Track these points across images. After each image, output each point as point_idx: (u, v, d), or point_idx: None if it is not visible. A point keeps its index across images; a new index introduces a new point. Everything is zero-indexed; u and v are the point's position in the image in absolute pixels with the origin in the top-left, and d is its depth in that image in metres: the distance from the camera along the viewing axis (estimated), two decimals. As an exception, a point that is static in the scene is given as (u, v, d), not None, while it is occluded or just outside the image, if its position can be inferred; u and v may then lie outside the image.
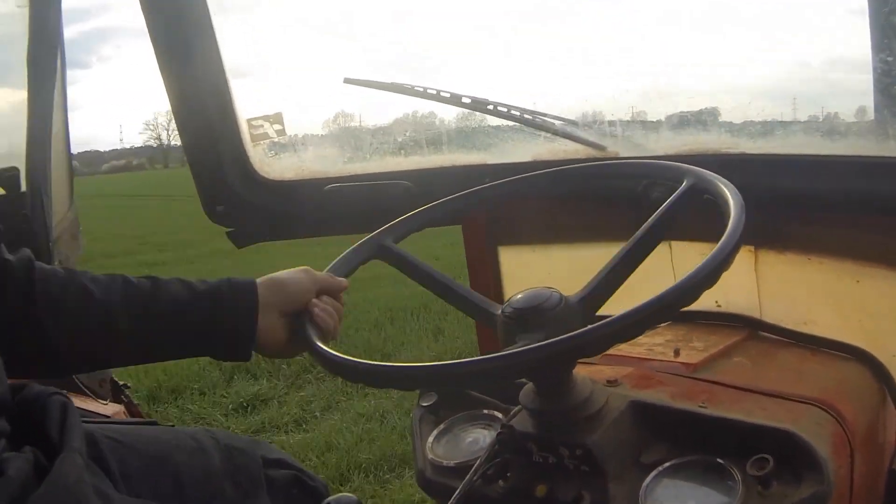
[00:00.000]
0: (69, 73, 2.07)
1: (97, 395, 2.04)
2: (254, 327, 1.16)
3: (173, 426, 1.37)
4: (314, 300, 1.19)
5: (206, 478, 1.21)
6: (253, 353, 1.19)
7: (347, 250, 1.27)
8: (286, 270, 1.22)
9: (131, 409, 2.15)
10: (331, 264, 1.26)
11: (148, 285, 1.14)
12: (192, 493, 1.17)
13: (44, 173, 1.88)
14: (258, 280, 1.19)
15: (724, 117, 1.67)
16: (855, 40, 1.43)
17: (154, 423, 1.64)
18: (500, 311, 1.06)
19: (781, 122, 1.63)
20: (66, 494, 0.82)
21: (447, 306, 1.24)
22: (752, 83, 1.66)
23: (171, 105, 1.82)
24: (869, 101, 1.44)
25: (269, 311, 1.17)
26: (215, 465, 1.23)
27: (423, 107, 2.02)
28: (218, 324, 1.15)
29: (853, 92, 1.50)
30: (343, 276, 1.24)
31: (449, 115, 2.03)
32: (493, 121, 1.89)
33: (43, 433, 0.92)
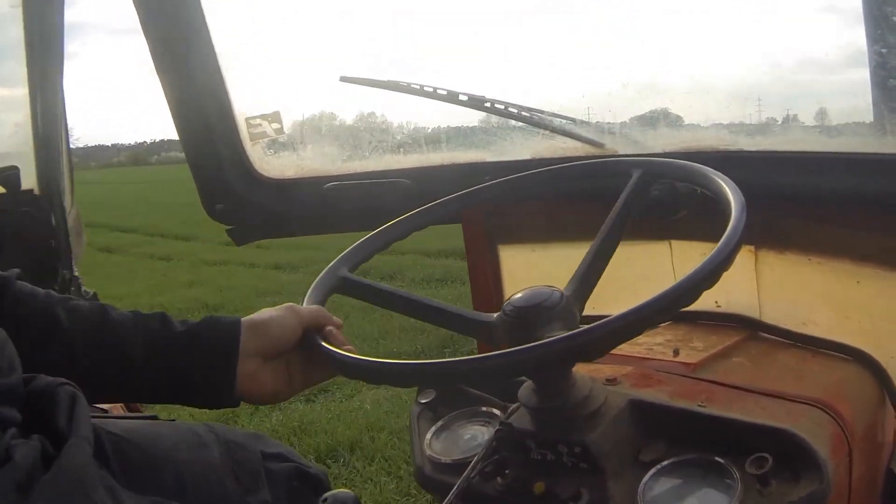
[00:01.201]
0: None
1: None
2: (233, 374, 1.10)
3: (174, 420, 1.37)
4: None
5: (208, 473, 1.20)
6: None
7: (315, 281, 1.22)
8: (269, 309, 1.15)
9: (130, 405, 2.14)
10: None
11: (121, 320, 1.09)
12: (194, 489, 1.17)
13: (56, 170, 1.88)
14: (242, 321, 1.13)
15: (722, 115, 1.68)
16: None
17: (154, 418, 1.64)
18: (495, 317, 1.06)
19: (781, 121, 1.63)
20: (74, 480, 0.82)
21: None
22: (751, 81, 1.65)
23: (169, 104, 1.82)
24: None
25: (249, 357, 1.12)
26: (215, 460, 1.23)
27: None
28: (193, 370, 1.10)
29: (850, 89, 1.50)
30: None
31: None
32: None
33: (52, 422, 0.92)
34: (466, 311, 1.16)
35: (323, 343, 1.12)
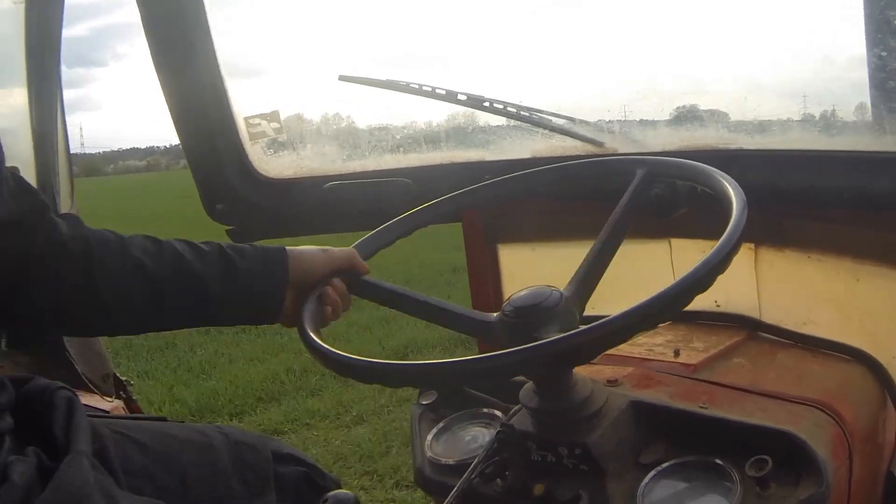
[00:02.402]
0: (84, 72, 2.06)
1: (101, 391, 2.04)
2: (282, 299, 1.20)
3: (183, 422, 1.36)
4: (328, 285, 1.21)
5: (214, 476, 1.20)
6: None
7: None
8: (308, 247, 1.25)
9: (130, 406, 2.14)
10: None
11: (194, 258, 1.17)
12: (199, 492, 1.17)
13: (52, 171, 1.88)
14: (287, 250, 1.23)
15: (721, 113, 1.67)
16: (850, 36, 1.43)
17: (163, 419, 1.64)
18: (495, 317, 1.06)
19: (780, 119, 1.63)
20: (71, 500, 0.82)
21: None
22: (750, 79, 1.65)
23: (168, 104, 1.82)
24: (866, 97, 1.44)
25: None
26: (224, 463, 1.23)
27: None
28: (252, 295, 1.19)
29: (850, 88, 1.50)
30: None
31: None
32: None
33: (48, 431, 0.91)
34: (469, 310, 1.16)
35: (315, 339, 1.12)
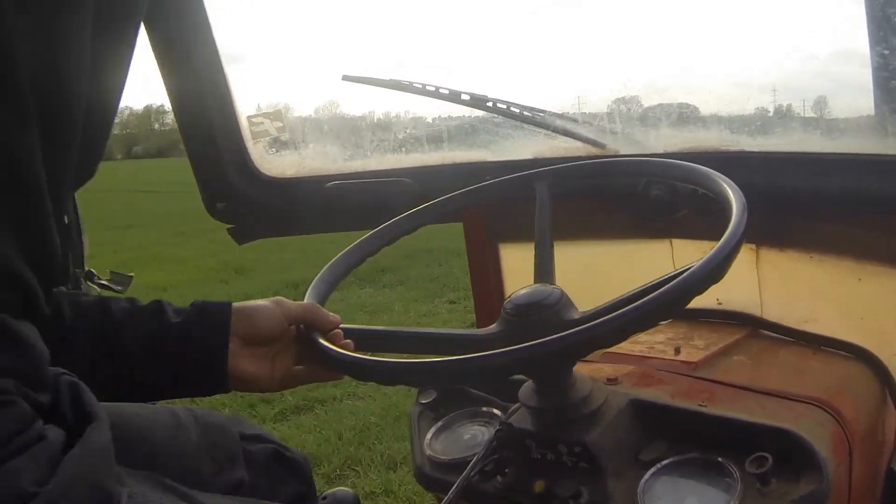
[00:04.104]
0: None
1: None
2: (225, 362, 1.10)
3: (154, 403, 1.36)
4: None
5: (182, 452, 1.20)
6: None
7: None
8: (259, 300, 1.15)
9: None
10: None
11: (123, 315, 1.08)
12: (167, 468, 1.16)
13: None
14: (232, 306, 1.13)
15: (723, 114, 1.67)
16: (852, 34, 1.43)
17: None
18: (487, 329, 1.06)
19: (780, 118, 1.63)
20: (98, 457, 0.83)
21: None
22: (750, 78, 1.65)
23: (171, 102, 1.81)
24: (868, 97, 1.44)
25: (234, 341, 1.11)
26: (192, 441, 1.22)
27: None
28: (187, 361, 1.09)
29: (852, 87, 1.50)
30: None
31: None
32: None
33: (58, 411, 0.92)
34: (460, 331, 1.16)
35: (318, 339, 1.11)
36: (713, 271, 0.89)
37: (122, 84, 0.87)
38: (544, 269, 1.17)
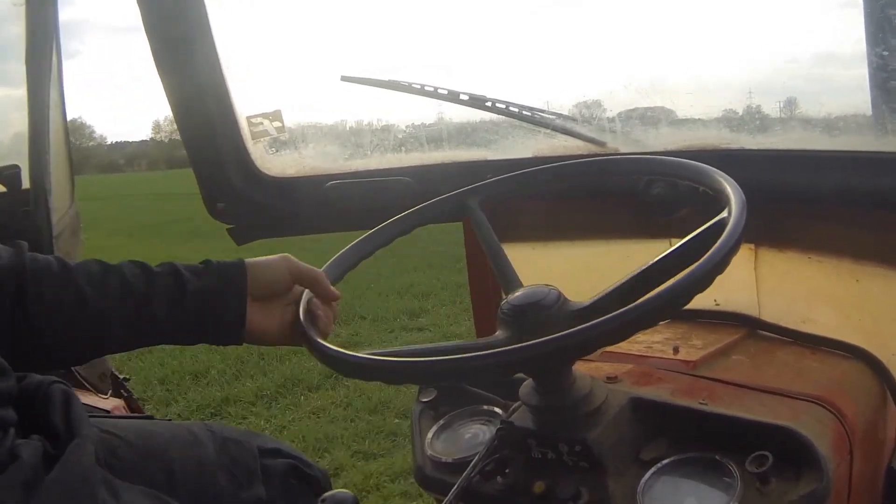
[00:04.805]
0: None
1: (97, 389, 2.04)
2: (243, 315, 1.14)
3: (170, 420, 1.36)
4: (312, 298, 1.17)
5: (200, 470, 1.21)
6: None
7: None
8: (265, 257, 1.19)
9: (131, 405, 2.14)
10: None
11: (142, 283, 1.10)
12: (185, 485, 1.17)
13: (45, 170, 1.87)
14: (246, 262, 1.17)
15: (722, 113, 1.68)
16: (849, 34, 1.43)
17: (150, 418, 1.64)
18: (488, 338, 1.06)
19: (780, 118, 1.63)
20: (79, 480, 0.83)
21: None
22: (750, 78, 1.65)
23: (170, 103, 1.82)
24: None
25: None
26: (210, 457, 1.23)
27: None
28: (207, 319, 1.13)
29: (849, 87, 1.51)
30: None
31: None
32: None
33: (47, 422, 0.92)
34: (461, 342, 1.15)
35: (311, 335, 1.12)
36: (713, 269, 0.89)
37: None
38: (508, 278, 1.18)
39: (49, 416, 0.93)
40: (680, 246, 1.00)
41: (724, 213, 0.98)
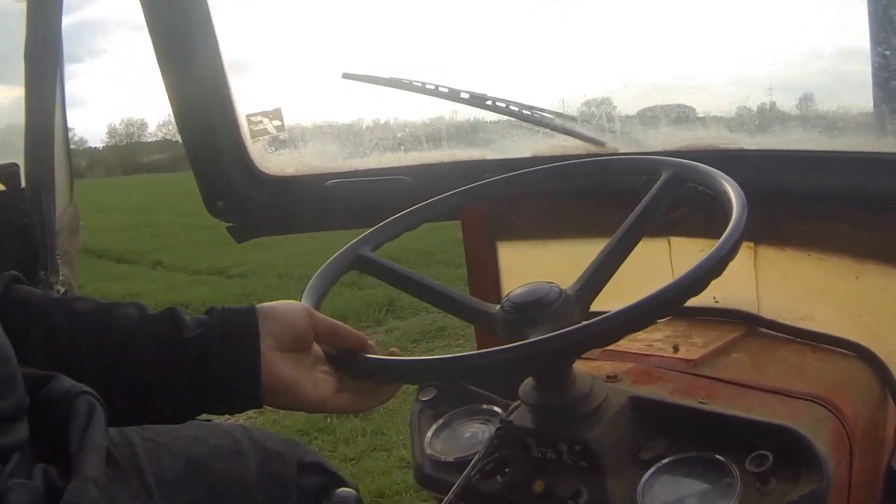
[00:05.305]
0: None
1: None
2: (257, 372, 0.97)
3: (210, 421, 1.29)
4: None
5: (241, 487, 1.19)
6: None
7: (319, 270, 1.18)
8: (280, 301, 1.05)
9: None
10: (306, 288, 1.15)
11: (130, 323, 0.97)
12: (226, 502, 1.16)
13: (46, 170, 1.88)
14: (257, 307, 1.01)
15: (721, 112, 1.68)
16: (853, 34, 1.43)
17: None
18: (497, 308, 1.06)
19: (779, 116, 1.63)
20: None
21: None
22: (750, 76, 1.65)
23: (170, 101, 1.82)
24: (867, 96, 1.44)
25: (266, 345, 0.99)
26: (251, 472, 1.21)
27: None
28: (213, 375, 0.97)
29: (852, 86, 1.51)
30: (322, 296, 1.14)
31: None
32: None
33: (62, 443, 0.83)
34: (472, 298, 1.16)
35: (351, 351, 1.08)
36: (713, 269, 0.90)
37: None
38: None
39: (66, 435, 0.81)
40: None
41: None
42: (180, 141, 1.89)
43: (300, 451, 1.33)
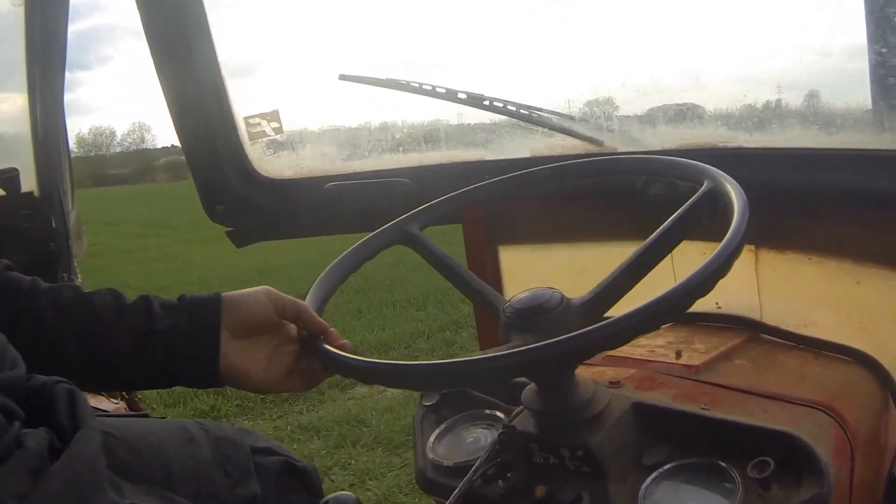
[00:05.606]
0: (69, 76, 2.05)
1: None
2: (216, 354, 1.08)
3: (164, 418, 1.36)
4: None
5: (196, 467, 1.21)
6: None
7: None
8: (244, 290, 1.13)
9: (132, 406, 2.15)
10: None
11: (109, 314, 1.07)
12: (184, 484, 1.17)
13: (58, 174, 1.88)
14: (222, 297, 1.11)
15: (720, 110, 1.68)
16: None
17: (146, 416, 1.64)
18: (502, 309, 1.06)
19: (778, 115, 1.63)
20: (85, 468, 0.82)
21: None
22: (749, 75, 1.65)
23: (168, 104, 1.82)
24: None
25: (225, 333, 1.10)
26: (205, 456, 1.24)
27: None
28: (179, 356, 1.08)
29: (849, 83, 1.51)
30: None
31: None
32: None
33: (54, 418, 0.91)
34: (488, 287, 1.17)
35: (321, 343, 1.11)
36: (715, 272, 0.89)
37: None
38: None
39: (55, 413, 0.92)
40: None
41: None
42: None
43: (251, 438, 1.35)
